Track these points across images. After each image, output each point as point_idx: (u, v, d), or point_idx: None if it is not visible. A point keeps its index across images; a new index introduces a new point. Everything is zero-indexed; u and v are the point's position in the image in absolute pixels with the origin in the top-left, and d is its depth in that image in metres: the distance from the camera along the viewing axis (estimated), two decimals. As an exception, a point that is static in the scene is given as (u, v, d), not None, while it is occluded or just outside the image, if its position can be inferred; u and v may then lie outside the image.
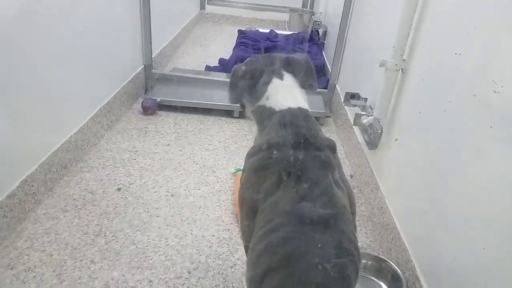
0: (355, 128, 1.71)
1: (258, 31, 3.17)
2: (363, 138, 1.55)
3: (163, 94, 2.11)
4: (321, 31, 3.09)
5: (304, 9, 3.88)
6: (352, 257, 0.70)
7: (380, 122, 1.40)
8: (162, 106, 2.07)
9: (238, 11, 4.04)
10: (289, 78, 0.95)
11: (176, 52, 2.98)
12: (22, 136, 1.24)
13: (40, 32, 1.27)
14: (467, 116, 0.90)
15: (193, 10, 3.77)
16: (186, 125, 1.97)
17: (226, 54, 2.81)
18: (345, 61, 2.15)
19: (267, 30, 3.20)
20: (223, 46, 3.24)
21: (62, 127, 1.47)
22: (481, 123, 0.85)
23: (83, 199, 1.39)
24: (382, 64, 1.28)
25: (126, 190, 1.46)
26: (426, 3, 1.16)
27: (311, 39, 3.04)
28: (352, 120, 1.70)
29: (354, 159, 1.69)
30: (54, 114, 1.41)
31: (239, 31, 3.12)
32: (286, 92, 0.92)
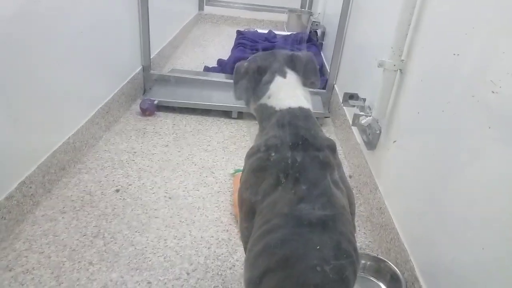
0: (354, 128, 1.71)
1: (257, 32, 3.17)
2: (362, 138, 1.55)
3: (162, 95, 2.11)
4: (319, 32, 3.09)
5: (302, 9, 3.88)
6: (350, 258, 0.70)
7: (378, 123, 1.40)
8: (161, 107, 2.07)
9: (237, 12, 4.04)
10: (292, 76, 0.94)
11: (174, 53, 2.97)
12: (21, 137, 1.24)
13: (38, 32, 1.26)
14: (466, 116, 0.90)
15: (191, 11, 3.77)
16: (185, 126, 1.97)
17: (225, 54, 2.81)
18: (343, 61, 2.15)
19: (266, 31, 3.20)
20: (222, 47, 3.24)
21: (60, 128, 1.47)
22: (479, 124, 0.85)
23: (82, 201, 1.38)
24: (381, 64, 1.28)
25: (124, 191, 1.46)
26: (424, 3, 1.16)
27: (310, 40, 3.04)
28: (350, 120, 1.70)
29: (353, 160, 1.69)
30: (53, 115, 1.40)
31: (238, 32, 3.12)
32: (288, 90, 0.91)
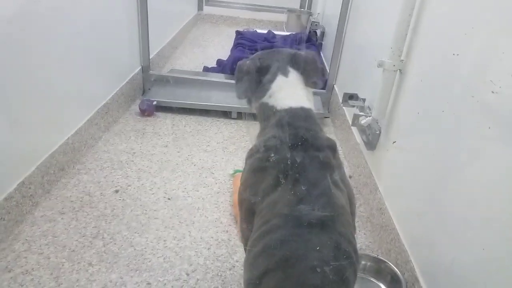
0: (354, 128, 1.71)
1: (256, 32, 3.16)
2: (362, 138, 1.55)
3: (161, 95, 2.11)
4: (319, 32, 3.09)
5: (302, 9, 3.88)
6: (350, 259, 0.70)
7: (378, 123, 1.40)
8: (160, 108, 2.07)
9: (236, 12, 4.04)
10: (294, 75, 0.93)
11: (174, 53, 2.97)
12: (20, 138, 1.24)
13: (38, 32, 1.26)
14: (465, 116, 0.90)
15: (191, 11, 3.77)
16: (184, 126, 1.97)
17: (224, 55, 2.81)
18: (343, 61, 2.15)
19: (265, 31, 3.19)
20: (221, 47, 3.24)
21: (59, 129, 1.47)
22: (479, 124, 0.85)
23: (81, 201, 1.38)
24: (380, 64, 1.27)
25: (123, 192, 1.45)
26: (424, 3, 1.16)
27: (309, 40, 3.03)
28: (350, 120, 1.69)
29: (353, 160, 1.69)
30: (52, 115, 1.40)
31: (237, 32, 3.11)
32: (290, 90, 0.90)
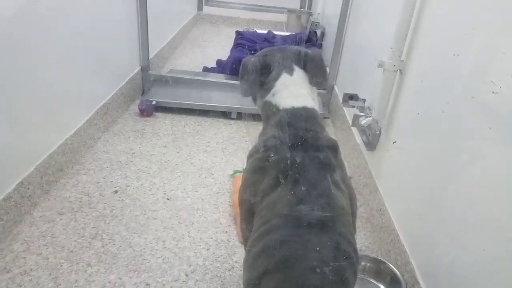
0: (354, 129, 1.70)
1: (256, 32, 3.16)
2: (362, 139, 1.54)
3: (160, 95, 2.10)
4: (319, 32, 3.09)
5: (302, 10, 3.88)
6: (350, 259, 0.69)
7: (378, 123, 1.40)
8: (159, 108, 2.06)
9: (236, 12, 4.04)
10: (299, 74, 0.92)
11: (173, 53, 2.97)
12: (19, 138, 1.23)
13: (38, 33, 1.26)
14: (466, 117, 0.90)
15: (190, 11, 3.77)
16: (184, 126, 1.97)
17: (224, 55, 2.81)
18: (343, 62, 2.14)
19: (265, 31, 3.20)
20: (221, 47, 3.24)
21: (58, 129, 1.46)
22: (479, 124, 0.84)
23: (80, 202, 1.38)
24: (380, 65, 1.27)
25: (123, 192, 1.45)
26: (424, 4, 1.16)
27: (309, 40, 3.03)
28: (350, 121, 1.69)
29: (353, 161, 1.69)
30: (51, 116, 1.40)
31: (237, 32, 3.11)
32: (294, 89, 0.90)
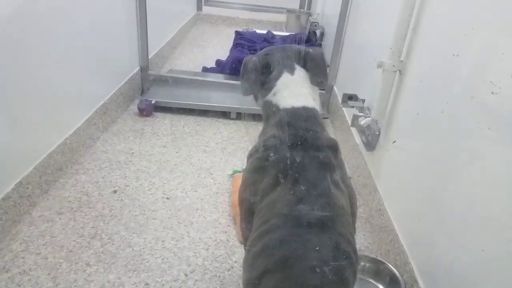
0: (353, 129, 1.71)
1: (255, 32, 3.16)
2: (361, 139, 1.54)
3: (160, 95, 2.10)
4: (318, 32, 3.09)
5: (301, 10, 3.88)
6: (350, 259, 0.70)
7: (377, 124, 1.40)
8: (159, 108, 2.06)
9: (235, 12, 4.04)
10: (300, 74, 0.91)
11: (173, 53, 2.97)
12: (18, 137, 1.23)
13: (37, 32, 1.26)
14: (465, 117, 0.90)
15: (190, 11, 3.77)
16: (183, 126, 1.96)
17: (223, 55, 2.81)
18: (342, 62, 2.15)
19: (264, 31, 3.19)
20: (220, 47, 3.24)
21: (57, 129, 1.46)
22: (479, 125, 0.84)
23: (79, 202, 1.37)
24: (380, 65, 1.27)
25: (122, 192, 1.45)
26: (424, 4, 1.16)
27: (309, 40, 3.03)
28: (349, 121, 1.69)
29: (352, 161, 1.69)
30: (50, 115, 1.39)
31: (236, 32, 3.11)
32: (294, 88, 0.89)
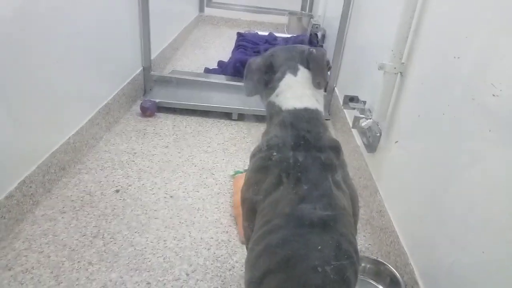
0: (354, 131, 1.71)
1: (257, 34, 3.17)
2: (362, 141, 1.55)
3: (162, 96, 2.11)
4: (319, 34, 3.10)
5: (303, 12, 3.89)
6: (351, 259, 0.70)
7: (379, 125, 1.40)
8: (161, 108, 2.07)
9: (237, 14, 4.05)
10: (303, 75, 0.91)
11: (175, 54, 2.98)
12: (21, 137, 1.24)
13: (38, 33, 1.26)
14: (466, 119, 0.90)
15: (192, 13, 3.78)
16: (185, 127, 1.97)
17: (225, 56, 2.81)
18: (344, 64, 2.15)
19: (266, 33, 3.21)
20: (222, 48, 3.24)
21: (60, 129, 1.47)
22: (480, 127, 0.85)
23: (81, 201, 1.38)
24: (381, 67, 1.28)
25: (124, 192, 1.45)
26: (425, 6, 1.16)
27: (310, 42, 3.04)
28: (351, 123, 1.70)
29: (353, 162, 1.69)
30: (53, 115, 1.40)
31: (238, 34, 3.12)
32: (297, 89, 0.90)
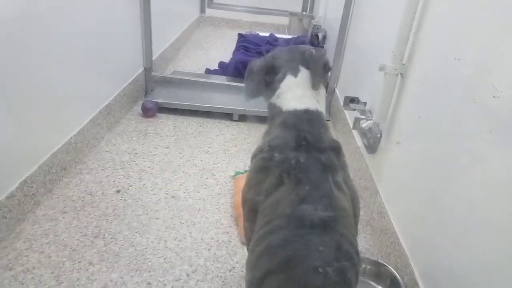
0: (354, 132, 1.71)
1: (258, 35, 3.18)
2: (362, 142, 1.55)
3: (163, 96, 2.11)
4: (320, 35, 3.10)
5: (303, 13, 3.89)
6: (352, 260, 0.70)
7: (379, 126, 1.40)
8: (162, 109, 2.07)
9: (238, 15, 4.05)
10: (304, 76, 0.92)
11: (176, 55, 2.98)
12: (22, 137, 1.24)
13: (38, 33, 1.27)
14: (467, 121, 0.91)
15: (193, 13, 3.78)
16: (186, 127, 1.98)
17: (226, 57, 2.82)
18: (344, 65, 2.15)
19: (267, 34, 3.21)
20: (223, 49, 3.25)
21: (62, 129, 1.47)
22: (480, 128, 0.85)
23: (82, 201, 1.38)
24: (382, 68, 1.28)
25: (125, 192, 1.46)
26: (426, 8, 1.17)
27: (311, 43, 3.05)
28: (351, 124, 1.70)
29: (353, 164, 1.70)
30: (54, 115, 1.41)
31: (239, 35, 3.13)
32: (297, 91, 0.90)
